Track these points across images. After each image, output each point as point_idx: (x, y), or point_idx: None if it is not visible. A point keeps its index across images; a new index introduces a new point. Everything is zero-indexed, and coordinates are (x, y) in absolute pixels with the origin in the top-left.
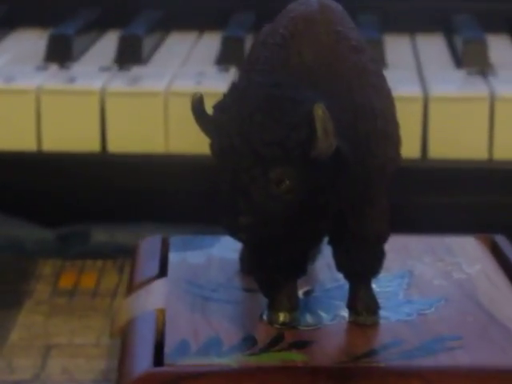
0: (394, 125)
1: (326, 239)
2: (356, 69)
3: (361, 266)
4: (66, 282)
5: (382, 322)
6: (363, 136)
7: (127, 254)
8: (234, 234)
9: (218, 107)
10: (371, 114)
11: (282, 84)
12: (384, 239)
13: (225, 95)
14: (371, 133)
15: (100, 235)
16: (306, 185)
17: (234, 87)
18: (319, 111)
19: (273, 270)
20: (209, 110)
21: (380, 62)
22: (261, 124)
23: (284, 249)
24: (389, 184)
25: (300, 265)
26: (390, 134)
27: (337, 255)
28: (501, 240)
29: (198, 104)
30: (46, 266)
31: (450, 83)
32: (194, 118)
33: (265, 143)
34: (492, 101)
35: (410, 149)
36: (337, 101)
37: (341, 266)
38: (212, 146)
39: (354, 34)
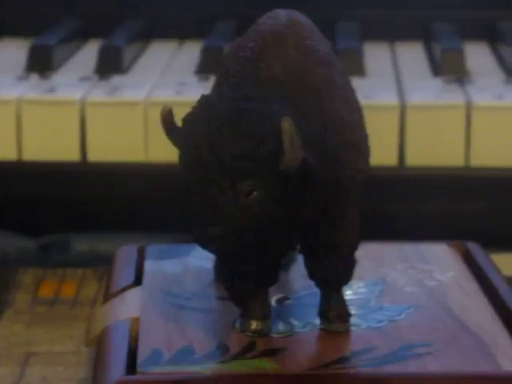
0: (364, 136)
1: (298, 247)
2: (325, 82)
3: (332, 274)
4: (46, 290)
5: (353, 329)
6: (332, 148)
7: (107, 262)
8: (204, 245)
9: (187, 119)
10: (340, 126)
11: (250, 97)
12: (354, 248)
13: (194, 107)
14: (340, 145)
15: (80, 244)
16: (275, 196)
17: (203, 99)
18: (286, 124)
19: (243, 280)
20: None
21: (359, 70)
22: (229, 137)
23: (254, 259)
24: (359, 194)
25: (271, 274)
26: (360, 146)
27: (308, 264)
28: (473, 247)
29: (167, 116)
30: (26, 275)
31: (427, 91)
32: (164, 131)
33: (233, 156)
34: (469, 109)
35: (387, 156)
36: (306, 113)
37: (312, 275)
38: (181, 158)
39: (323, 47)
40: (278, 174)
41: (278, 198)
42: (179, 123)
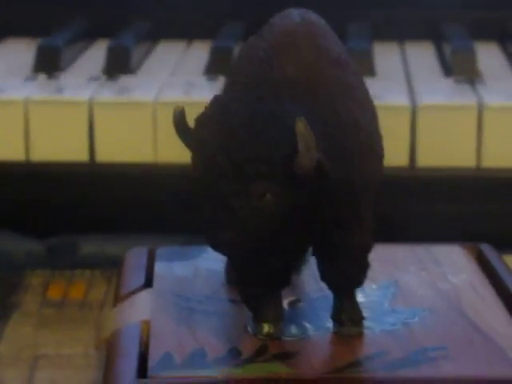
0: (378, 138)
1: (310, 250)
2: (338, 83)
3: (345, 277)
4: (54, 292)
5: (366, 332)
6: (347, 149)
7: (115, 264)
8: (217, 247)
9: (199, 121)
10: (354, 128)
11: (264, 99)
12: (368, 251)
13: (207, 108)
14: (355, 146)
15: (88, 246)
16: (289, 199)
17: (216, 100)
18: (300, 126)
19: (256, 283)
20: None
21: (369, 70)
22: (243, 139)
23: (267, 262)
24: (374, 196)
25: (284, 277)
26: (374, 147)
27: (321, 266)
28: (487, 249)
29: (179, 118)
30: (34, 277)
31: (438, 92)
32: (176, 132)
33: (247, 158)
34: (480, 110)
35: (398, 157)
36: (320, 115)
37: (325, 277)
38: (193, 160)
39: (337, 48)
40: (292, 175)
41: (292, 200)
42: (190, 124)
